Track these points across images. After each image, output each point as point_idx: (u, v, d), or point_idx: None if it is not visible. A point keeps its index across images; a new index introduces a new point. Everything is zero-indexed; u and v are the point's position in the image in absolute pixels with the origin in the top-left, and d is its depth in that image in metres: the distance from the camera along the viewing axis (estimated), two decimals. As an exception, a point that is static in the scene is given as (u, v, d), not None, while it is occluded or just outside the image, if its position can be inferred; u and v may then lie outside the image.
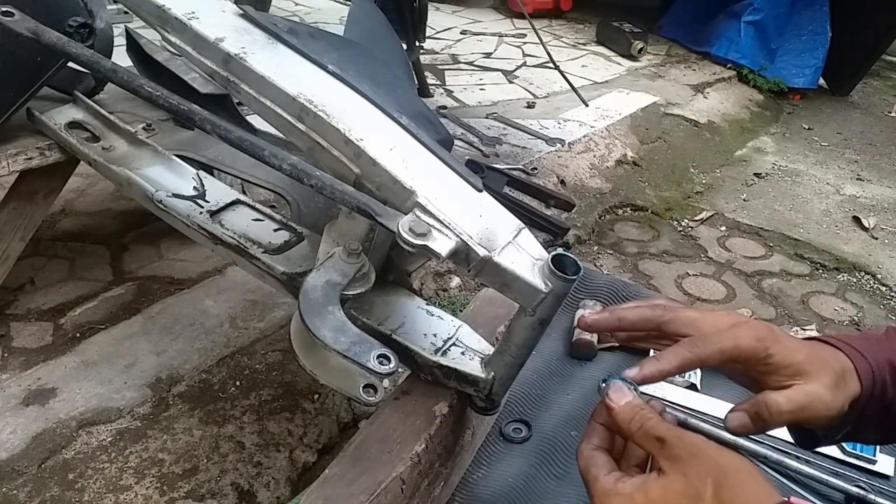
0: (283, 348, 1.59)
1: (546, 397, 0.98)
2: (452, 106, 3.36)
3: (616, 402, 0.56)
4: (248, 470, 1.30)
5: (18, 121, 1.30)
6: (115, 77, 0.85)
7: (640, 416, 0.55)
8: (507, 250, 0.69)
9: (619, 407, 0.56)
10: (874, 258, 2.59)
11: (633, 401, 0.56)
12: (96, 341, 1.56)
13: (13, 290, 1.71)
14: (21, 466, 1.24)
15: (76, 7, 1.25)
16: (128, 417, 1.36)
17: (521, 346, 0.72)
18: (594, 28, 5.08)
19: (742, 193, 3.11)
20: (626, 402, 0.56)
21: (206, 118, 0.79)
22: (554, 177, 2.72)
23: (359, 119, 0.79)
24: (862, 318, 2.20)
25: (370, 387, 0.67)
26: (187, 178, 1.13)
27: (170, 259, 1.91)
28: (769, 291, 2.31)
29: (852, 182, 3.36)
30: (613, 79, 4.14)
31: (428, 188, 0.72)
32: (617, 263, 2.40)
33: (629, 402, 0.56)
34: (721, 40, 4.58)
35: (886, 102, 4.81)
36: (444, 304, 1.93)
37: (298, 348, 0.75)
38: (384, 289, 0.87)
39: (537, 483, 0.84)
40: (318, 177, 0.73)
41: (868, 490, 0.84)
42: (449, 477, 0.81)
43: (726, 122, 3.90)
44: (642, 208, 2.82)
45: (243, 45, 0.85)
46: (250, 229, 1.00)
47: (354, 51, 1.13)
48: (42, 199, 1.47)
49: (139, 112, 1.44)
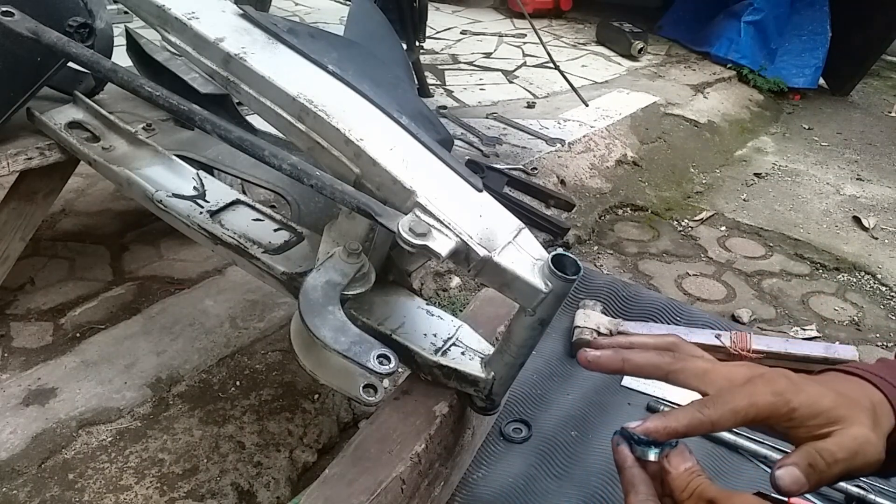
0: (283, 348, 1.59)
1: (546, 397, 0.98)
2: (452, 106, 3.36)
3: (676, 468, 0.53)
4: (248, 470, 1.30)
5: (18, 121, 1.30)
6: (115, 77, 0.85)
7: (696, 481, 0.52)
8: (507, 250, 0.69)
9: (678, 473, 0.53)
10: (874, 258, 2.59)
11: (693, 467, 0.53)
12: (96, 341, 1.56)
13: (13, 290, 1.71)
14: (21, 466, 1.24)
15: (76, 7, 1.25)
16: (128, 417, 1.36)
17: (521, 346, 0.72)
18: (594, 28, 5.07)
19: (742, 193, 3.11)
20: (686, 468, 0.53)
21: (206, 118, 0.79)
22: (554, 177, 2.72)
23: (359, 119, 0.79)
24: (862, 318, 2.20)
25: (370, 387, 0.67)
26: (187, 178, 1.13)
27: (170, 259, 1.91)
28: (769, 291, 2.31)
29: (852, 182, 3.36)
30: (613, 79, 4.14)
31: (428, 188, 0.72)
32: (617, 263, 2.40)
33: (689, 468, 0.53)
34: (721, 40, 4.58)
35: (886, 102, 4.81)
36: (444, 304, 1.93)
37: (298, 348, 0.75)
38: (384, 289, 0.87)
39: (537, 483, 0.84)
40: (318, 177, 0.73)
41: (868, 490, 0.84)
42: (449, 477, 0.81)
43: (726, 122, 3.90)
44: (642, 208, 2.82)
45: (243, 45, 0.85)
46: (250, 229, 1.00)
47: (354, 51, 1.13)
48: (42, 199, 1.47)
49: (139, 112, 1.44)
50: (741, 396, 0.54)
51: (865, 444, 0.51)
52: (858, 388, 0.56)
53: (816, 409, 0.53)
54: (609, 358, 0.62)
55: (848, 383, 0.56)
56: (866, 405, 0.54)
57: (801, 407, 0.53)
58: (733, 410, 0.54)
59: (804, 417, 0.53)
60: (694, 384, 0.58)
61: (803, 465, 0.50)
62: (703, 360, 0.60)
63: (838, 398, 0.53)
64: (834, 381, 0.57)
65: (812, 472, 0.50)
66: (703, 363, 0.59)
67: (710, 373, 0.58)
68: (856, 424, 0.52)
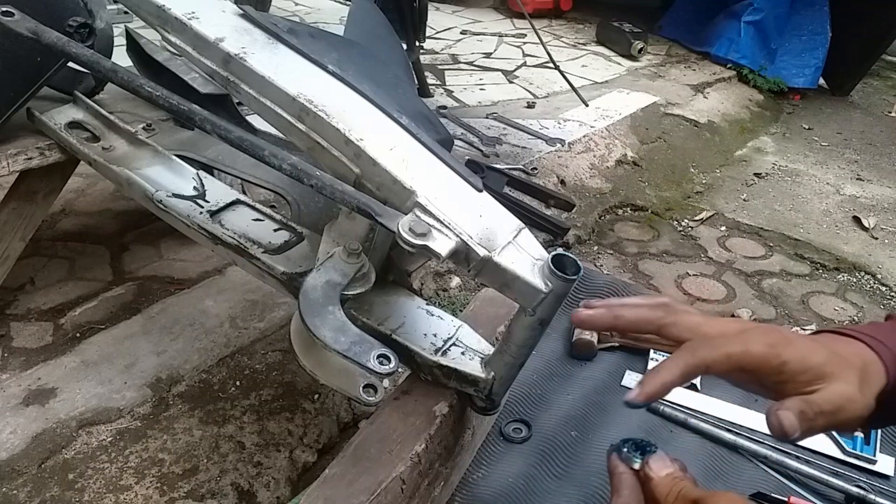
0: (283, 348, 1.59)
1: (546, 397, 0.98)
2: (452, 106, 3.36)
3: (657, 473, 0.54)
4: (248, 470, 1.30)
5: (18, 121, 1.30)
6: (115, 77, 0.85)
7: (678, 485, 0.53)
8: (507, 250, 0.69)
9: (660, 478, 0.54)
10: (874, 258, 2.59)
11: (674, 472, 0.54)
12: (96, 341, 1.56)
13: (13, 290, 1.71)
14: (21, 466, 1.24)
15: (76, 7, 1.25)
16: (128, 417, 1.36)
17: (521, 346, 0.72)
18: (594, 28, 5.07)
19: (742, 193, 3.11)
20: (668, 473, 0.54)
21: (206, 118, 0.79)
22: (554, 177, 2.72)
23: (359, 119, 0.79)
24: (862, 318, 2.20)
25: (370, 387, 0.67)
26: (187, 178, 1.13)
27: (170, 259, 1.91)
28: (769, 291, 2.31)
29: (852, 182, 3.36)
30: (613, 79, 4.14)
31: (428, 188, 0.72)
32: (617, 263, 2.40)
33: (670, 472, 0.54)
34: (721, 40, 4.58)
35: (886, 102, 4.81)
36: (444, 304, 1.93)
37: (298, 348, 0.75)
38: (384, 289, 0.87)
39: (537, 483, 0.84)
40: (318, 177, 0.73)
41: (868, 490, 0.84)
42: (449, 477, 0.81)
43: (726, 122, 3.90)
44: (642, 208, 2.82)
45: (243, 45, 0.85)
46: (250, 229, 1.00)
47: (354, 51, 1.13)
48: (42, 199, 1.47)
49: (139, 112, 1.44)
50: (736, 342, 0.55)
51: (849, 401, 0.53)
52: (851, 347, 0.57)
53: (806, 364, 0.54)
54: (602, 315, 0.62)
55: (841, 343, 0.58)
56: (856, 363, 0.55)
57: (792, 361, 0.54)
58: (727, 354, 0.54)
59: (794, 372, 0.54)
60: (686, 335, 0.59)
61: (796, 411, 0.52)
62: (695, 314, 0.61)
63: (829, 355, 0.55)
64: (827, 340, 0.58)
65: (803, 420, 0.52)
66: (696, 317, 0.60)
67: (703, 325, 0.59)
68: (842, 381, 0.53)
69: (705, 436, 0.92)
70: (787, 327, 2.08)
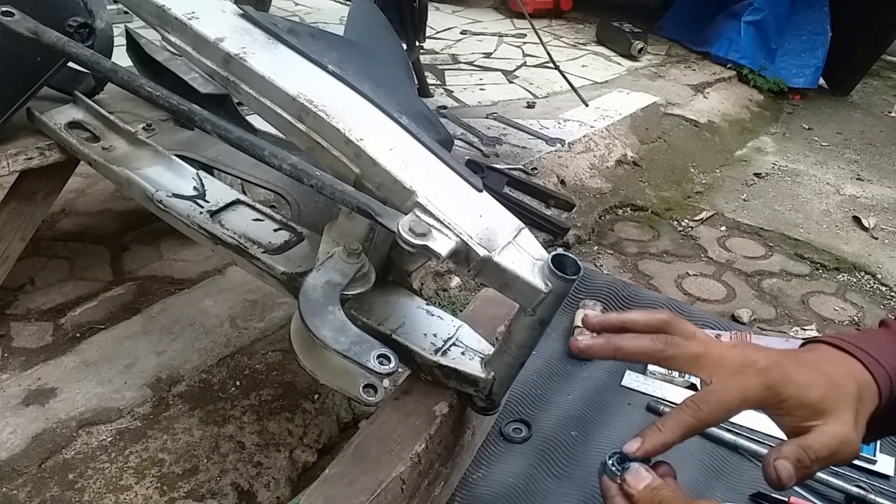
0: (283, 348, 1.59)
1: (546, 397, 0.98)
2: (452, 106, 3.36)
3: (635, 488, 0.55)
4: (248, 470, 1.30)
5: (18, 121, 1.30)
6: (115, 77, 0.85)
7: (658, 496, 0.54)
8: (507, 250, 0.69)
9: (639, 492, 0.55)
10: (874, 258, 2.59)
11: (651, 482, 0.55)
12: (96, 341, 1.56)
13: (13, 290, 1.71)
14: (21, 466, 1.24)
15: (76, 7, 1.25)
16: (128, 417, 1.36)
17: (521, 346, 0.72)
18: (594, 28, 5.07)
19: (742, 193, 3.11)
20: (646, 486, 0.55)
21: (206, 118, 0.79)
22: (554, 177, 2.72)
23: (359, 119, 0.79)
24: (862, 318, 2.19)
25: (370, 387, 0.67)
26: (187, 178, 1.13)
27: (170, 259, 1.91)
28: (769, 291, 2.31)
29: (852, 182, 3.36)
30: (613, 79, 4.14)
31: (428, 188, 0.72)
32: (617, 263, 2.40)
33: (648, 484, 0.55)
34: (721, 40, 4.58)
35: (886, 102, 4.81)
36: (444, 304, 1.93)
37: (298, 348, 0.75)
38: (384, 289, 0.87)
39: (537, 483, 0.84)
40: (318, 177, 0.73)
41: (868, 490, 0.84)
42: (449, 477, 0.81)
43: (726, 122, 3.90)
44: (642, 208, 2.82)
45: (243, 45, 0.85)
46: (250, 229, 1.00)
47: (354, 51, 1.13)
48: (42, 199, 1.47)
49: (139, 112, 1.44)
50: (732, 391, 0.57)
51: (845, 443, 0.54)
52: (847, 368, 0.58)
53: (804, 401, 0.56)
54: (601, 346, 0.63)
55: (837, 363, 0.59)
56: (852, 391, 0.56)
57: (790, 399, 0.56)
58: (725, 407, 0.56)
59: (792, 408, 0.56)
60: (686, 370, 0.61)
61: (793, 460, 0.54)
62: (695, 343, 0.61)
63: (826, 389, 0.56)
64: (824, 360, 0.59)
65: (799, 469, 0.54)
66: (695, 346, 0.61)
67: (702, 357, 0.60)
68: (838, 421, 0.55)
69: (705, 436, 0.92)
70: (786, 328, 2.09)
